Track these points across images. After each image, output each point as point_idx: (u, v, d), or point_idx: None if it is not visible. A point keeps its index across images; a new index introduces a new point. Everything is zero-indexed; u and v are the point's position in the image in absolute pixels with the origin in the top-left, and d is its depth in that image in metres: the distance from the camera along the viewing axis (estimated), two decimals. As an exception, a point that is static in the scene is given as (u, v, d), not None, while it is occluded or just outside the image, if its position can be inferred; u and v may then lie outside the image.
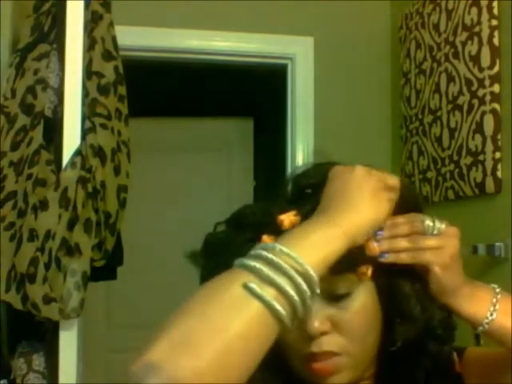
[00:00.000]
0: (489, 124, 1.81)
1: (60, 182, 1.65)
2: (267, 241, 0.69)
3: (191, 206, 3.46)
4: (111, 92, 1.76)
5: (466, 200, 1.97)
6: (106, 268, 1.77)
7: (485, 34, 1.84)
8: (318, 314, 0.73)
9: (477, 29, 1.88)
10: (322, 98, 2.57)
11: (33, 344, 1.71)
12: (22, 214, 1.66)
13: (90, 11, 1.75)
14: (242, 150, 3.59)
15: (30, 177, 1.67)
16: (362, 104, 2.62)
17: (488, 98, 1.81)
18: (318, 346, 0.74)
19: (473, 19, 1.90)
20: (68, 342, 1.67)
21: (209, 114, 3.56)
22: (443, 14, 2.10)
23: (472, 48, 1.90)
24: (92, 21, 1.76)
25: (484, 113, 1.83)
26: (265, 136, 3.66)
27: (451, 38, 2.03)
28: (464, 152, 1.93)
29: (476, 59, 1.88)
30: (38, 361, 1.69)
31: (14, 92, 1.76)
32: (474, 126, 1.88)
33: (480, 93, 1.85)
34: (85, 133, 1.69)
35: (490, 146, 1.80)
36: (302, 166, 0.85)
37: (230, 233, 0.78)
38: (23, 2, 1.92)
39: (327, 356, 0.74)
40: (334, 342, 0.74)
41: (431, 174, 2.16)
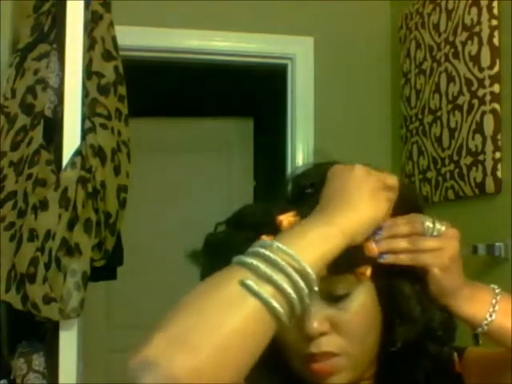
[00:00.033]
0: (489, 124, 1.81)
1: (60, 182, 1.65)
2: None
3: (191, 206, 3.46)
4: (111, 92, 1.76)
5: (465, 200, 1.97)
6: (106, 268, 1.77)
7: (485, 34, 1.84)
8: (317, 314, 0.73)
9: (477, 29, 1.88)
10: (322, 98, 2.57)
11: (33, 344, 1.71)
12: (21, 213, 1.66)
13: (90, 11, 1.75)
14: (242, 150, 3.59)
15: (30, 177, 1.67)
16: (362, 104, 2.62)
17: (488, 97, 1.81)
18: (317, 346, 0.74)
19: (473, 19, 1.90)
20: (68, 342, 1.67)
21: (209, 114, 3.56)
22: (443, 14, 2.10)
23: (472, 48, 1.90)
24: (92, 21, 1.76)
25: (484, 113, 1.83)
26: (265, 136, 3.66)
27: (451, 38, 2.03)
28: (464, 152, 1.93)
29: (476, 59, 1.88)
30: (38, 361, 1.69)
31: (13, 92, 1.76)
32: (474, 126, 1.88)
33: (480, 93, 1.85)
34: (85, 133, 1.69)
35: (490, 146, 1.80)
36: (301, 166, 0.85)
37: (230, 233, 0.78)
38: (23, 1, 1.92)
39: (326, 357, 0.74)
40: (333, 343, 0.74)
41: (431, 174, 2.16)
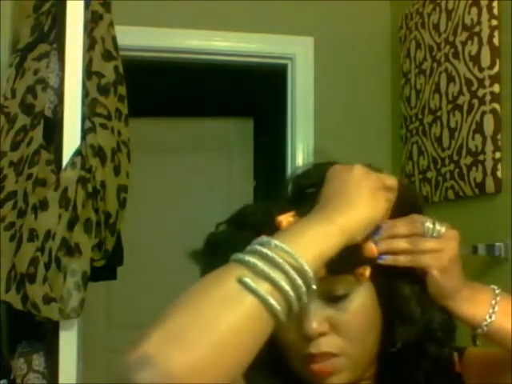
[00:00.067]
0: (489, 124, 1.81)
1: (60, 182, 1.65)
2: None
3: (191, 206, 3.46)
4: (111, 92, 1.76)
5: (465, 200, 1.96)
6: (106, 268, 1.78)
7: (485, 34, 1.84)
8: (316, 315, 0.73)
9: (477, 29, 1.88)
10: (322, 97, 2.57)
11: (33, 344, 1.71)
12: (21, 213, 1.66)
13: (90, 11, 1.75)
14: (242, 150, 3.59)
15: (30, 177, 1.67)
16: (362, 104, 2.62)
17: (488, 98, 1.81)
18: (316, 347, 0.74)
19: (473, 19, 1.90)
20: (68, 342, 1.67)
21: (209, 114, 3.56)
22: (443, 14, 2.10)
23: (472, 48, 1.90)
24: (92, 21, 1.76)
25: (484, 113, 1.83)
26: (265, 136, 3.66)
27: (451, 38, 2.03)
28: (464, 152, 1.93)
29: (476, 59, 1.88)
30: (38, 361, 1.69)
31: (13, 92, 1.76)
32: (474, 126, 1.88)
33: (480, 93, 1.85)
34: (85, 133, 1.69)
35: (489, 146, 1.80)
36: (302, 166, 0.85)
37: (231, 232, 0.78)
38: (23, 1, 1.92)
39: (326, 357, 0.74)
40: (332, 343, 0.74)
41: (431, 174, 2.16)
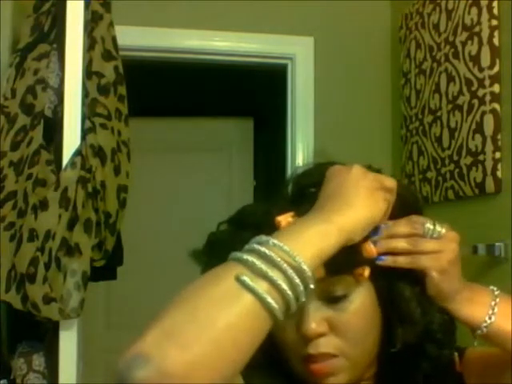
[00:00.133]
0: (489, 124, 1.81)
1: (60, 182, 1.65)
2: None
3: (191, 206, 3.46)
4: (111, 92, 1.76)
5: (465, 200, 1.96)
6: (106, 268, 1.78)
7: (485, 34, 1.84)
8: (315, 315, 0.73)
9: (477, 29, 1.88)
10: (322, 98, 2.57)
11: (33, 344, 1.71)
12: (22, 213, 1.66)
13: (90, 11, 1.75)
14: (241, 150, 3.59)
15: (30, 177, 1.67)
16: (362, 104, 2.62)
17: (488, 98, 1.81)
18: (315, 347, 0.74)
19: (473, 19, 1.90)
20: (68, 342, 1.67)
21: (209, 114, 3.56)
22: (443, 14, 2.10)
23: (472, 48, 1.90)
24: (92, 21, 1.76)
25: (484, 113, 1.82)
26: (265, 136, 3.66)
27: (451, 38, 2.03)
28: (464, 152, 1.93)
29: (476, 59, 1.88)
30: (38, 361, 1.69)
31: (13, 92, 1.76)
32: (474, 126, 1.88)
33: (480, 93, 1.85)
34: (85, 133, 1.69)
35: (490, 146, 1.80)
36: (302, 166, 0.85)
37: (231, 232, 0.79)
38: (23, 1, 1.92)
39: (325, 357, 0.74)
40: (331, 344, 0.74)
41: (431, 174, 2.16)
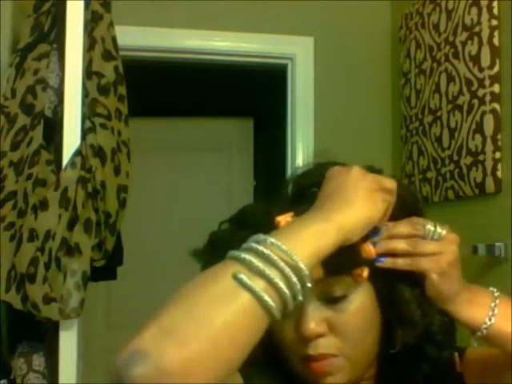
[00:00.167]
0: (489, 124, 1.81)
1: (60, 182, 1.65)
2: None
3: (191, 206, 3.46)
4: (111, 92, 1.76)
5: (465, 200, 1.96)
6: (106, 268, 1.78)
7: (485, 34, 1.84)
8: (314, 316, 0.73)
9: (477, 29, 1.88)
10: (322, 98, 2.57)
11: (33, 344, 1.71)
12: (22, 213, 1.66)
13: (90, 11, 1.75)
14: (241, 150, 3.59)
15: (30, 177, 1.67)
16: (362, 104, 2.62)
17: (488, 98, 1.81)
18: (314, 348, 0.74)
19: (473, 19, 1.90)
20: (68, 342, 1.67)
21: (209, 114, 3.56)
22: (443, 14, 2.10)
23: (472, 48, 1.90)
24: (92, 21, 1.76)
25: (484, 113, 1.82)
26: (265, 136, 3.66)
27: (451, 38, 2.03)
28: (464, 152, 1.93)
29: (476, 59, 1.88)
30: (38, 361, 1.69)
31: (14, 92, 1.76)
32: (474, 126, 1.88)
33: (480, 93, 1.85)
34: (85, 133, 1.69)
35: (490, 146, 1.80)
36: (302, 166, 0.85)
37: (232, 231, 0.79)
38: (23, 1, 1.92)
39: (324, 357, 0.74)
40: (330, 345, 0.74)
41: (431, 174, 2.16)
